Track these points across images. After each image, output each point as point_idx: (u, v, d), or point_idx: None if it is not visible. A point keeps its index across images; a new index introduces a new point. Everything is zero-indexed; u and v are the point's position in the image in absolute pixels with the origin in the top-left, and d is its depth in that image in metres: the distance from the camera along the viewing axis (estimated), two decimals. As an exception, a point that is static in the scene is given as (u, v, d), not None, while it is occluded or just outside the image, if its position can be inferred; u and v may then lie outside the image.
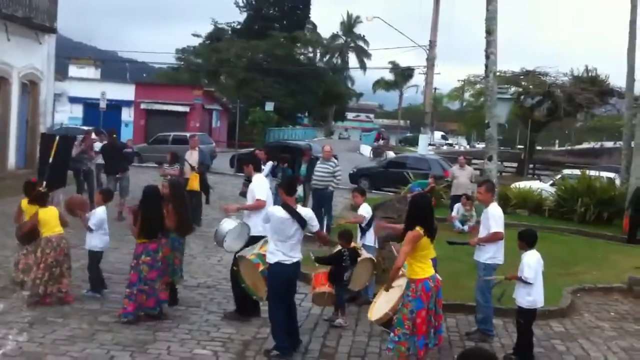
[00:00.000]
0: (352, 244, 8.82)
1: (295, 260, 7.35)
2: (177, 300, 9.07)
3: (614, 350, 8.33)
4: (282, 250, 7.25)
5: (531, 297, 7.60)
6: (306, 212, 7.55)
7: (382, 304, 7.24)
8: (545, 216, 18.88)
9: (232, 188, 21.06)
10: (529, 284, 7.53)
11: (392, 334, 6.69)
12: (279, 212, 7.29)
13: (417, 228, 6.58)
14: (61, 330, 7.68)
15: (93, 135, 18.65)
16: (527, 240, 7.74)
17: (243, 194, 12.88)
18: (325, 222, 14.35)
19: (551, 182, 22.43)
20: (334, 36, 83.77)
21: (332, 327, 8.45)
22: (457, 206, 16.41)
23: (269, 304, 7.57)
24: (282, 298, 7.46)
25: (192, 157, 15.49)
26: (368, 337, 8.16)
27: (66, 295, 8.70)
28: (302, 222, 7.31)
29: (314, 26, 74.53)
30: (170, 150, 16.94)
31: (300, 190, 15.46)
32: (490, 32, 15.74)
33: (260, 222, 8.15)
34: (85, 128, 27.55)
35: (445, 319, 9.05)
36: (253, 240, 8.32)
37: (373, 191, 22.44)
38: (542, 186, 21.68)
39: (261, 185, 8.76)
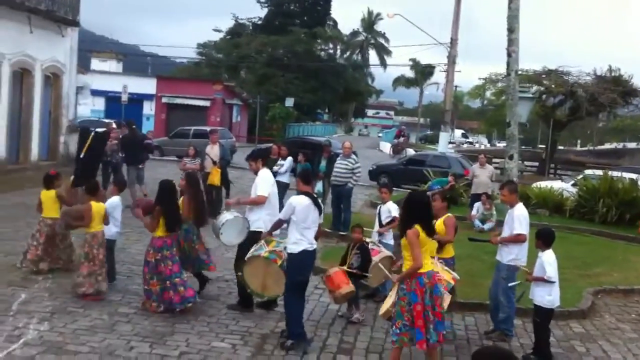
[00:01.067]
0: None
1: (315, 246, 7.62)
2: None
3: (635, 353, 8.25)
4: (307, 238, 7.43)
5: (551, 296, 7.56)
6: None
7: (387, 300, 7.37)
8: (566, 216, 18.71)
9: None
10: (551, 282, 7.48)
11: (394, 327, 6.74)
12: (304, 200, 7.51)
13: (416, 226, 6.56)
14: (82, 321, 7.75)
15: (113, 127, 18.81)
16: (545, 239, 7.68)
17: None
18: (343, 218, 14.36)
19: (572, 182, 22.21)
20: (355, 33, 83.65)
21: (350, 322, 8.45)
22: (477, 205, 16.32)
23: (287, 295, 7.62)
24: (302, 287, 7.57)
25: (213, 151, 15.55)
26: (385, 334, 8.13)
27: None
28: (320, 208, 7.63)
29: (335, 23, 74.48)
30: (192, 145, 17.02)
31: (319, 185, 15.48)
32: (512, 30, 15.61)
33: (262, 218, 8.31)
34: (106, 121, 27.81)
35: (464, 318, 9.05)
36: (253, 235, 8.35)
37: (392, 188, 22.33)
38: (563, 186, 21.48)
39: (265, 181, 8.69)
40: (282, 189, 13.39)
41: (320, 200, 15.22)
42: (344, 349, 7.58)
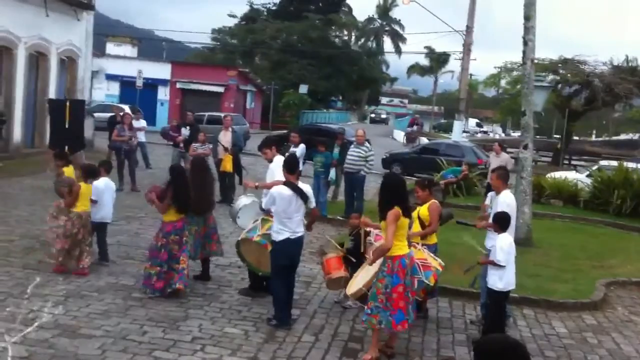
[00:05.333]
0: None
1: (299, 234, 7.62)
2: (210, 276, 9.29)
3: (647, 345, 8.22)
4: (289, 227, 7.47)
5: (503, 280, 7.49)
6: (306, 187, 7.80)
7: (359, 280, 7.47)
8: (580, 207, 18.63)
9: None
10: (502, 267, 7.43)
11: (365, 307, 6.86)
12: (285, 191, 7.51)
13: (396, 207, 6.63)
14: (96, 305, 7.81)
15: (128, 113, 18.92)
16: (500, 223, 7.63)
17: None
18: (356, 206, 14.35)
19: (587, 172, 22.08)
20: (370, 19, 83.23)
21: (344, 309, 8.49)
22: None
23: (272, 279, 7.81)
24: (286, 274, 7.67)
25: (225, 137, 15.57)
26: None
27: (81, 270, 8.89)
28: (304, 197, 7.59)
29: (350, 9, 74.11)
30: (202, 130, 17.03)
31: (332, 173, 15.50)
32: (528, 18, 15.45)
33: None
34: (122, 106, 27.84)
35: (475, 307, 9.04)
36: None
37: (405, 177, 22.31)
38: (577, 177, 21.37)
39: (281, 167, 8.75)
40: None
41: (333, 188, 15.13)
42: (355, 337, 7.60)
